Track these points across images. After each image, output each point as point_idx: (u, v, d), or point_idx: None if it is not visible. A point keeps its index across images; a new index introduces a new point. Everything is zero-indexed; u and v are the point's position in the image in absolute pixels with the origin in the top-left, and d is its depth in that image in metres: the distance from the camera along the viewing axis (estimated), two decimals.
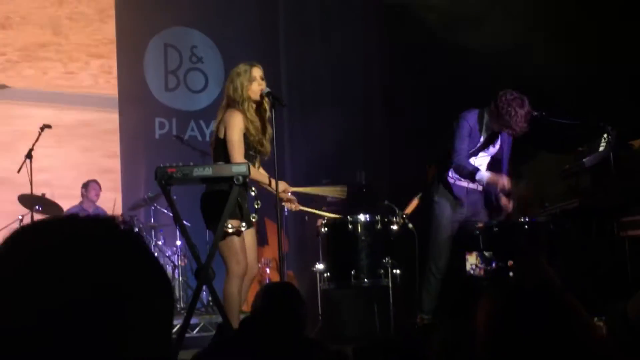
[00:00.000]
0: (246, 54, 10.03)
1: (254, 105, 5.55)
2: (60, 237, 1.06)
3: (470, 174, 6.46)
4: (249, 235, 5.58)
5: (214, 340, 3.47)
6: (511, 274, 5.20)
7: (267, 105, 5.60)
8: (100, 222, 1.10)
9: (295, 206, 5.73)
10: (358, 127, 10.18)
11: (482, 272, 5.92)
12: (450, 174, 6.63)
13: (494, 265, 5.84)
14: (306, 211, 5.99)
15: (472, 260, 6.03)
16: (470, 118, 6.56)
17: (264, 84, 5.56)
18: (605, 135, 6.21)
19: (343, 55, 10.18)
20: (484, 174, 6.48)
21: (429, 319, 6.54)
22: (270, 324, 3.41)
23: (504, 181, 6.44)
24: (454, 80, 8.39)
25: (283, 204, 5.67)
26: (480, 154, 6.66)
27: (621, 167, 6.08)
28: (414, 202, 6.78)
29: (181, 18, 10.78)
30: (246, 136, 5.49)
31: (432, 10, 8.80)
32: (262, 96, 5.50)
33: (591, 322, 1.97)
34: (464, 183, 6.65)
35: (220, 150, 5.57)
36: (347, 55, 10.19)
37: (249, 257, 5.51)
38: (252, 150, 5.56)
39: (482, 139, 6.59)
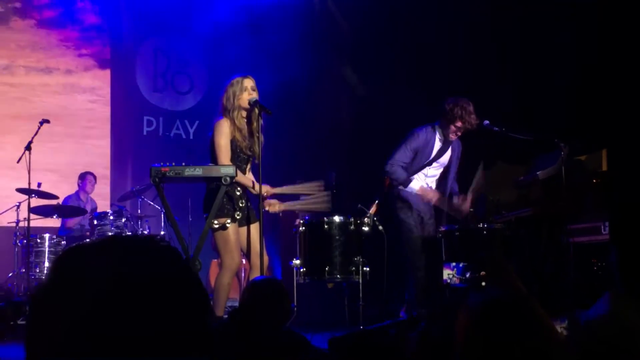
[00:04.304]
0: (229, 60, 10.06)
1: (244, 114, 5.60)
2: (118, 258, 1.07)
3: (403, 182, 6.62)
4: (254, 229, 5.62)
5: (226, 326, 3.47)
6: (483, 283, 5.28)
7: (257, 112, 5.63)
8: (143, 241, 1.12)
9: (279, 207, 5.78)
10: (328, 129, 10.19)
11: (457, 281, 6.00)
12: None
13: (468, 275, 5.92)
14: (290, 209, 6.05)
15: (448, 271, 6.10)
16: (422, 135, 6.73)
17: (254, 93, 5.58)
18: (557, 151, 6.31)
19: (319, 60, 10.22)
20: (414, 185, 6.64)
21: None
22: (257, 317, 3.44)
23: (431, 195, 6.67)
24: (416, 89, 8.49)
25: (266, 208, 5.70)
26: (434, 164, 6.78)
27: (570, 180, 6.19)
28: (373, 209, 6.85)
29: (170, 25, 10.78)
30: (233, 142, 5.53)
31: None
32: (250, 105, 5.54)
33: (554, 328, 2.04)
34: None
35: (211, 153, 5.62)
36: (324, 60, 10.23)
37: (255, 248, 5.56)
38: (241, 154, 5.60)
39: (434, 152, 6.72)
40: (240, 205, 5.53)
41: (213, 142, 5.56)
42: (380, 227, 6.51)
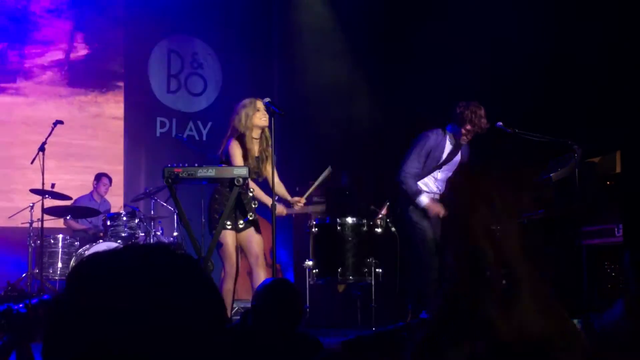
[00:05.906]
0: (242, 61, 10.06)
1: (255, 134, 5.73)
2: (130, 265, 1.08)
3: (413, 194, 6.55)
4: (254, 231, 5.79)
5: (239, 327, 3.48)
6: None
7: (268, 134, 5.77)
8: (160, 250, 1.12)
9: (300, 202, 5.94)
10: (341, 130, 10.15)
11: None
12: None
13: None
14: (307, 196, 6.17)
15: None
16: (432, 136, 6.68)
17: (267, 115, 5.72)
18: (571, 153, 6.27)
19: (332, 61, 10.18)
20: (423, 199, 6.57)
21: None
22: (269, 319, 3.42)
23: (438, 209, 6.55)
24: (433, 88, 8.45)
25: (295, 208, 5.86)
26: (444, 167, 6.74)
27: (584, 182, 6.15)
28: (384, 210, 6.82)
29: (184, 27, 10.79)
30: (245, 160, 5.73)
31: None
32: (265, 105, 5.62)
33: (576, 328, 2.00)
34: (430, 194, 6.72)
35: None
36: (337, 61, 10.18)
37: (256, 249, 5.71)
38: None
39: (444, 155, 6.68)
40: (253, 206, 5.57)
41: (230, 162, 5.71)
42: (393, 229, 6.49)
